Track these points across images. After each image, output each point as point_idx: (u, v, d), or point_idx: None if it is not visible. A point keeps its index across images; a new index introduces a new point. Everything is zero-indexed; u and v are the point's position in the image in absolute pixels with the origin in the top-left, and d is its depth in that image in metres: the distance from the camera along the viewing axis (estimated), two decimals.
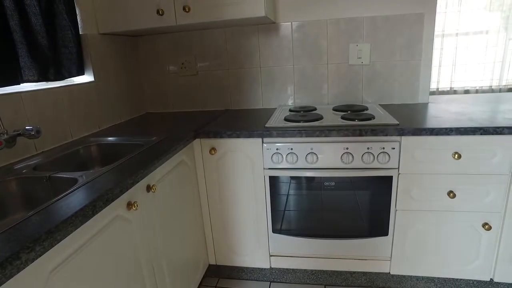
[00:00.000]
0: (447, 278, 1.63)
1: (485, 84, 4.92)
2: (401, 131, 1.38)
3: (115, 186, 0.94)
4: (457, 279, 1.63)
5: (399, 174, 1.46)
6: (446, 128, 1.35)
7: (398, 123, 1.44)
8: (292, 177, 1.53)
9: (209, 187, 1.65)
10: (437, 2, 1.80)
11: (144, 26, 1.72)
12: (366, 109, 1.76)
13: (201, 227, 1.69)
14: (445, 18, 4.63)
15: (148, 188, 1.18)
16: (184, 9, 1.66)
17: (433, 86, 5.01)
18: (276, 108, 2.02)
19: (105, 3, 1.72)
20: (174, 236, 1.38)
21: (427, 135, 1.37)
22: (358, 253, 1.63)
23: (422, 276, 1.65)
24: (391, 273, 1.64)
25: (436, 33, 4.79)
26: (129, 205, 1.04)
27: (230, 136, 1.52)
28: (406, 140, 1.41)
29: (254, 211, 1.64)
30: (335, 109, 1.79)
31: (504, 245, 1.50)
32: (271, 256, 1.71)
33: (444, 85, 4.97)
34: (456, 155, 1.39)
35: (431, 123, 1.44)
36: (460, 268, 1.57)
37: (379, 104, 1.92)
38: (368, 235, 1.58)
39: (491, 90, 4.88)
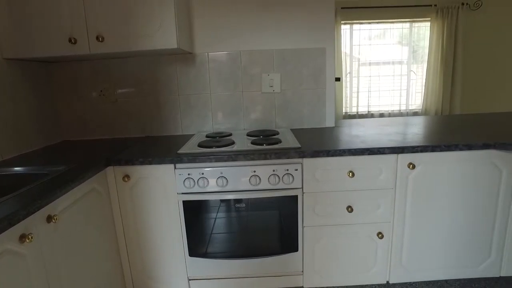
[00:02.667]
0: (352, 285, 1.77)
1: (395, 108, 5.54)
2: (302, 154, 1.53)
3: (3, 218, 0.91)
4: (361, 286, 1.78)
5: (303, 193, 1.60)
6: (340, 150, 1.53)
7: (300, 146, 1.59)
8: (204, 201, 1.59)
9: (123, 215, 1.64)
10: (335, 39, 2.04)
11: (55, 54, 1.70)
12: (277, 133, 1.91)
13: (116, 256, 1.66)
14: (359, 49, 5.17)
15: (49, 218, 1.15)
16: (97, 38, 1.67)
17: (354, 110, 5.51)
18: (194, 134, 2.09)
19: (10, 28, 1.67)
20: (84, 267, 1.34)
21: (325, 156, 1.53)
22: (273, 270, 1.71)
23: (332, 287, 1.78)
24: (304, 286, 1.75)
25: (354, 63, 5.32)
26: (23, 237, 1.01)
27: (142, 163, 1.54)
28: (307, 162, 1.56)
29: (170, 236, 1.65)
30: (249, 135, 1.90)
31: (394, 251, 1.69)
32: (189, 280, 1.72)
33: (363, 109, 5.48)
34: (351, 174, 1.56)
35: (329, 145, 1.61)
36: (362, 275, 1.73)
37: (291, 129, 2.09)
38: (280, 252, 1.68)
39: (400, 114, 5.50)
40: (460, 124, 2.09)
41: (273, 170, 1.54)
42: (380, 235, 1.66)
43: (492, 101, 5.58)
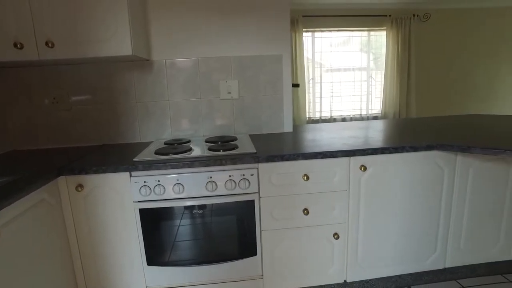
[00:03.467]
0: (312, 286, 1.82)
1: (357, 112, 5.75)
2: (257, 159, 1.56)
3: None
4: (320, 286, 1.83)
5: (260, 197, 1.62)
6: (294, 154, 1.57)
7: (255, 151, 1.62)
8: (161, 208, 1.57)
9: (77, 225, 1.58)
10: (297, 46, 2.10)
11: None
12: (235, 139, 1.93)
13: (70, 267, 1.60)
14: (321, 56, 5.32)
15: None
16: (47, 44, 1.62)
17: (317, 115, 5.65)
18: (152, 141, 2.06)
19: None
20: (34, 281, 1.28)
21: (279, 161, 1.57)
22: (234, 275, 1.72)
23: None
24: None
25: (316, 69, 5.47)
26: None
27: (96, 172, 1.51)
28: (263, 167, 1.59)
29: (126, 245, 1.62)
30: (208, 141, 1.91)
31: (350, 250, 1.76)
32: None
33: (326, 114, 5.64)
34: (305, 177, 1.61)
35: (285, 150, 1.65)
36: (321, 275, 1.78)
37: (250, 135, 2.12)
38: (240, 257, 1.69)
39: (361, 118, 5.71)
40: (411, 127, 2.21)
41: (230, 176, 1.56)
42: (336, 235, 1.72)
43: (443, 105, 5.94)
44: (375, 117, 5.71)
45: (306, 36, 5.41)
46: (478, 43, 5.83)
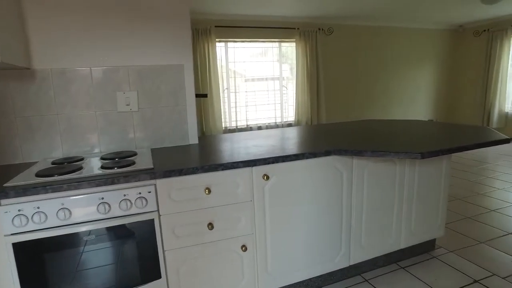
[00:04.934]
0: None
1: (272, 121, 5.93)
2: (154, 175, 1.45)
3: None
4: None
5: (160, 216, 1.52)
6: (193, 168, 1.51)
7: (152, 167, 1.51)
8: (43, 239, 1.37)
9: None
10: (192, 55, 2.04)
11: None
12: (135, 154, 1.79)
13: None
14: (234, 66, 5.37)
15: None
16: None
17: (233, 124, 5.68)
18: (38, 161, 1.81)
19: None
20: None
21: (177, 175, 1.49)
22: None
23: None
24: None
25: (231, 78, 5.50)
26: None
27: None
28: (161, 183, 1.49)
29: None
30: (103, 158, 1.74)
31: (260, 261, 1.75)
32: None
33: (242, 123, 5.70)
34: (207, 190, 1.55)
35: (187, 163, 1.58)
36: None
37: (152, 148, 2.00)
38: (143, 282, 1.56)
39: (276, 126, 5.91)
40: (317, 133, 2.31)
41: (124, 195, 1.43)
42: (244, 248, 1.69)
43: (349, 111, 6.47)
44: (289, 125, 5.96)
45: (219, 46, 5.44)
46: (374, 56, 6.50)
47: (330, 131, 2.38)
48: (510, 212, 3.10)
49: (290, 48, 5.92)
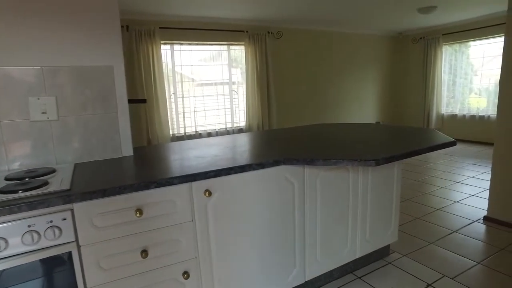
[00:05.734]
0: None
1: (222, 126, 5.73)
2: (70, 198, 1.19)
3: None
4: None
5: (79, 247, 1.26)
6: (119, 187, 1.27)
7: (68, 188, 1.25)
8: None
9: None
10: (123, 56, 1.79)
11: None
12: (53, 172, 1.50)
13: None
14: (181, 69, 5.10)
15: None
16: None
17: (181, 131, 5.39)
18: None
19: None
20: None
21: (100, 197, 1.24)
22: None
23: None
24: None
25: (178, 83, 5.22)
26: None
27: None
28: (79, 207, 1.23)
29: None
30: (8, 178, 1.43)
31: (205, 287, 1.54)
32: None
33: (191, 130, 5.43)
34: (138, 212, 1.32)
35: (109, 182, 1.33)
36: None
37: (77, 163, 1.71)
38: None
39: (227, 132, 5.72)
40: (267, 139, 2.15)
41: (29, 226, 1.15)
42: (186, 275, 1.47)
43: (300, 115, 6.47)
44: (241, 130, 5.80)
45: (165, 49, 5.14)
46: (324, 60, 6.59)
47: (280, 138, 2.24)
48: (452, 210, 3.20)
49: (240, 52, 5.78)
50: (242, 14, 5.14)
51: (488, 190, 3.02)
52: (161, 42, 5.02)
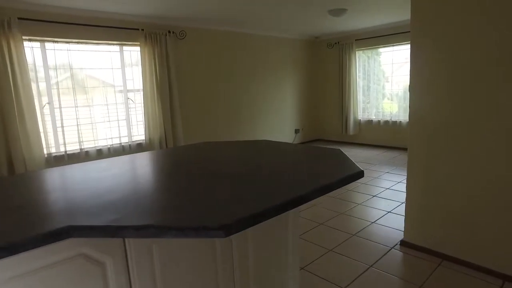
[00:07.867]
0: None
1: (116, 141, 4.79)
2: None
3: None
4: None
5: None
6: None
7: None
8: None
9: None
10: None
11: None
12: None
13: None
14: (56, 73, 4.04)
15: None
16: None
17: (61, 149, 4.35)
18: None
19: None
20: None
21: None
22: None
23: None
24: None
25: (54, 90, 4.15)
26: None
27: None
28: None
29: None
30: None
31: None
32: None
33: (74, 147, 4.42)
34: None
35: None
36: None
37: None
38: None
39: (122, 148, 4.79)
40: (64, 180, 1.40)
41: None
42: None
43: (210, 127, 5.76)
44: (139, 145, 4.92)
45: (31, 47, 4.07)
46: (236, 63, 6.00)
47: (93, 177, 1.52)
48: (368, 234, 2.78)
49: (135, 53, 4.92)
50: (136, 9, 4.32)
51: (404, 204, 2.66)
52: (24, 38, 3.96)
